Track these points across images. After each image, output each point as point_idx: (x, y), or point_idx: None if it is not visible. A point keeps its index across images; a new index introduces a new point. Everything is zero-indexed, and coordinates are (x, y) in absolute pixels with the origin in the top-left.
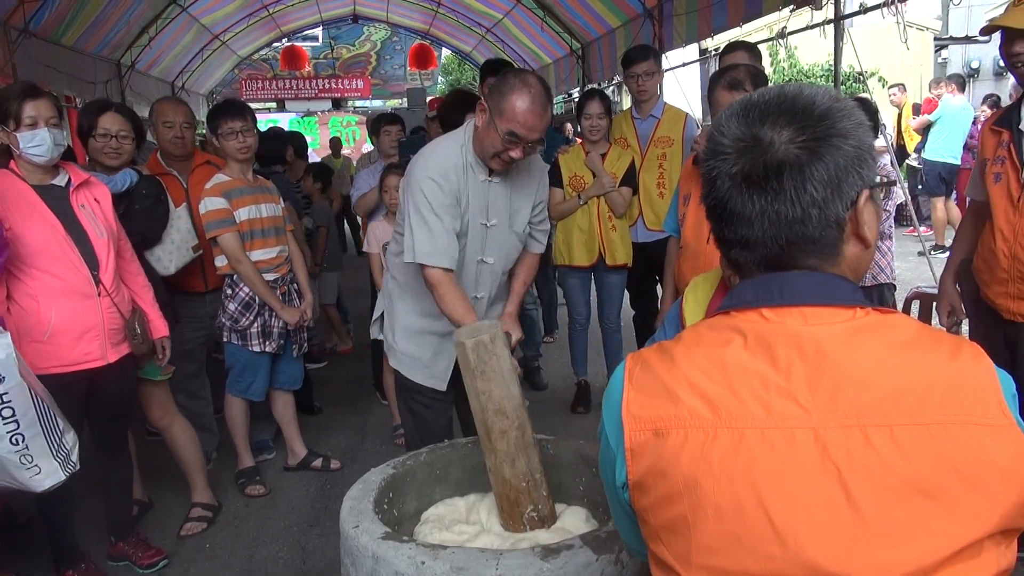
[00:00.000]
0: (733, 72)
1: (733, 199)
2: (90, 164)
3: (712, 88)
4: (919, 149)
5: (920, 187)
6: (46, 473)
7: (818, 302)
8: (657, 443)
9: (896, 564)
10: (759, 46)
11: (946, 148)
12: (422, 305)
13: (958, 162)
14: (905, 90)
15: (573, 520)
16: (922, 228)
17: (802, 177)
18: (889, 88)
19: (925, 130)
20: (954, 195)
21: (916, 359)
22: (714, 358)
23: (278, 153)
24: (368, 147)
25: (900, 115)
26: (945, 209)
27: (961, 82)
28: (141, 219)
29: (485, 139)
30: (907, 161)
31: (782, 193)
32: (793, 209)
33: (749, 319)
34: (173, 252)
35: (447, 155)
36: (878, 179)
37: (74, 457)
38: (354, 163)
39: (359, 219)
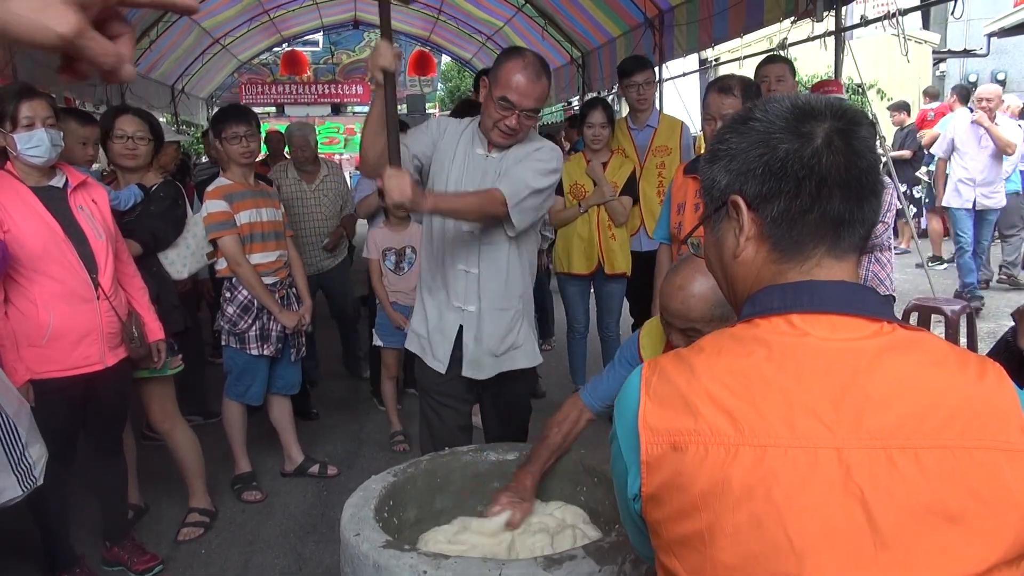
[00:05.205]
0: (725, 79)
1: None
2: (111, 172)
3: (705, 94)
4: (927, 162)
5: (927, 201)
6: (1, 488)
7: (849, 311)
8: (675, 457)
9: None
10: (757, 57)
11: None
12: (428, 268)
13: None
14: (909, 112)
15: (570, 515)
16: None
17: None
18: (890, 108)
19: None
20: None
21: (943, 380)
22: (736, 370)
23: None
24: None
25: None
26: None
27: (965, 95)
28: (155, 221)
29: (485, 112)
30: (916, 174)
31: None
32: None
33: (775, 328)
34: (187, 257)
35: (456, 121)
36: None
37: (36, 472)
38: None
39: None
